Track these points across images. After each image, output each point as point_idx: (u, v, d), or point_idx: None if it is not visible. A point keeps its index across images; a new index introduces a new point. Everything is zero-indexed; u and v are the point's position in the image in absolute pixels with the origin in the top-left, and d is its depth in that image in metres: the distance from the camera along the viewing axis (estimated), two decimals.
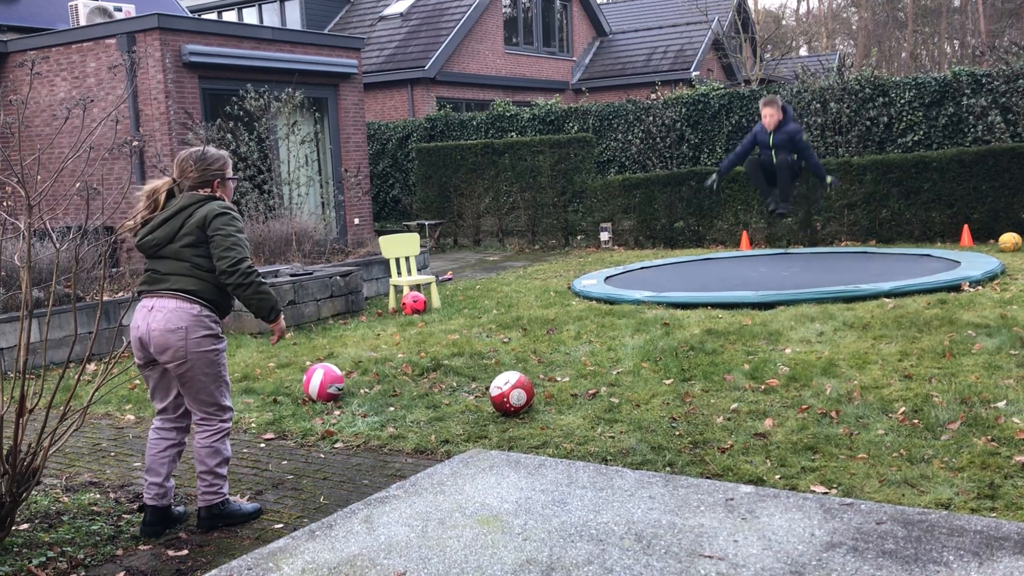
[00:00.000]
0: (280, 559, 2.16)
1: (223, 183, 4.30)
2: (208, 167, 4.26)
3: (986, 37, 44.04)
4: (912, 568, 1.96)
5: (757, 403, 5.50)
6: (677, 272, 11.40)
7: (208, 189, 4.25)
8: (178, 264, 4.08)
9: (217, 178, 4.27)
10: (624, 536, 2.22)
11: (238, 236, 4.10)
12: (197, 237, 4.08)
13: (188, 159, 4.25)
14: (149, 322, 4.04)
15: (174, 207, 4.15)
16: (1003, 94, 13.60)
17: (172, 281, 4.07)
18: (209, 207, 4.13)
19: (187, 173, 4.23)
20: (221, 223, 4.08)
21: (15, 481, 3.75)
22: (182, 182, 4.24)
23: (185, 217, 4.11)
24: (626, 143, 16.99)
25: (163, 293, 4.05)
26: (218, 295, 4.15)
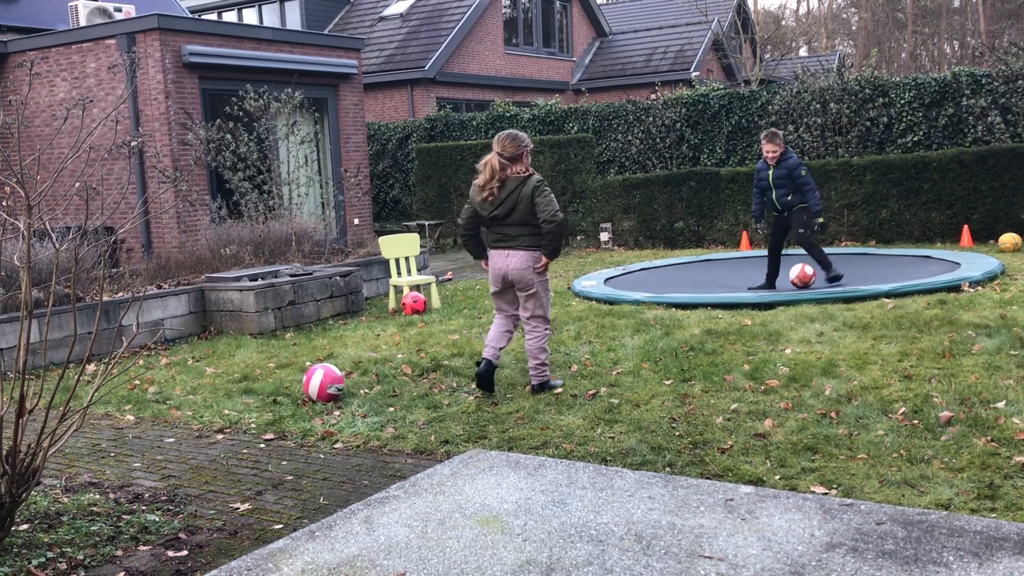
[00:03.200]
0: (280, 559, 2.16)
1: (527, 155, 5.87)
2: (520, 144, 5.82)
3: (986, 38, 44.05)
4: (912, 569, 1.96)
5: (757, 403, 5.50)
6: (677, 272, 11.40)
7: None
8: (521, 228, 5.97)
9: (525, 151, 5.84)
10: (624, 537, 2.22)
11: (550, 197, 5.84)
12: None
13: (507, 138, 5.83)
14: (506, 264, 5.98)
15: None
16: (1003, 95, 13.60)
17: (519, 241, 5.94)
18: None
19: (506, 148, 5.79)
20: (542, 187, 5.90)
21: (15, 482, 3.75)
22: (503, 154, 5.83)
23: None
24: (626, 143, 16.99)
25: (516, 247, 5.96)
26: None
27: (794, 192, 9.29)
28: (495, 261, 5.97)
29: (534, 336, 6.04)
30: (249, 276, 9.54)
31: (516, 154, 5.80)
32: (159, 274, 10.29)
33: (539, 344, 6.03)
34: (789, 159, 9.30)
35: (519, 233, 5.86)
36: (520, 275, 5.91)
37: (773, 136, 9.33)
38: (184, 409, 6.34)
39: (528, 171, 5.81)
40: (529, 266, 5.87)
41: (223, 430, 5.82)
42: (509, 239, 5.89)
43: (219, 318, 9.34)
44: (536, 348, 6.03)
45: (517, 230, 5.85)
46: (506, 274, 5.94)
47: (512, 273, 5.92)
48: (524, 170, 5.79)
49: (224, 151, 12.58)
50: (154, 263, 10.80)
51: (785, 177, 9.31)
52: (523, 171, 5.79)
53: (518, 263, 5.88)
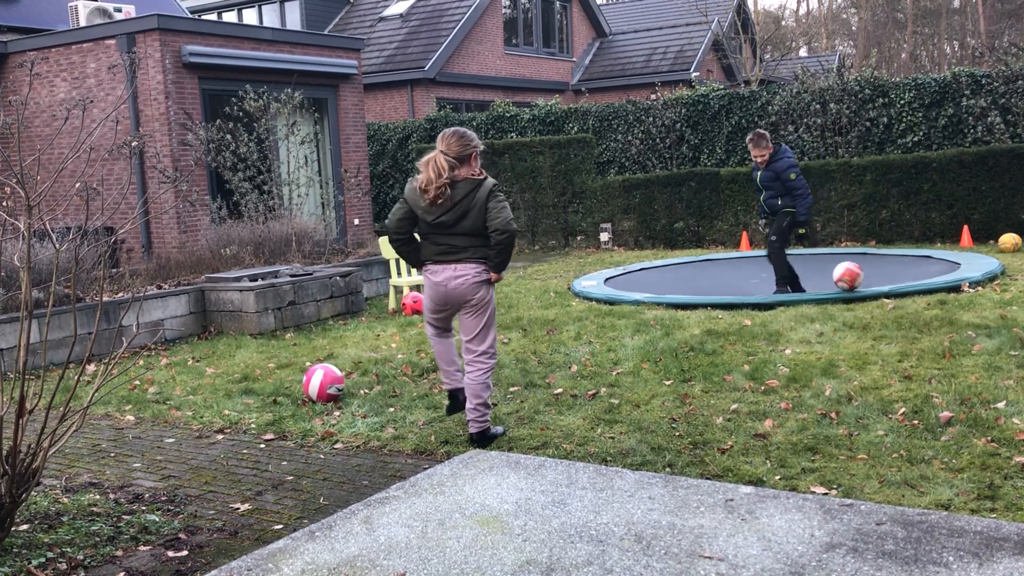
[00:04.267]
0: (280, 560, 2.16)
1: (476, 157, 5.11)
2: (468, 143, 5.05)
3: (986, 38, 44.05)
4: (912, 569, 1.96)
5: (757, 404, 5.50)
6: (677, 273, 11.40)
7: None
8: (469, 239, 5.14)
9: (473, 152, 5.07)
10: (624, 537, 2.22)
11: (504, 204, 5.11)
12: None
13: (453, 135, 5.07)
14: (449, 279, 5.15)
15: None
16: (1003, 95, 13.60)
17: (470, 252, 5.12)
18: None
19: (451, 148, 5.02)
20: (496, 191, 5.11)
21: (15, 482, 3.75)
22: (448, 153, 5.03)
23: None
24: (626, 144, 16.99)
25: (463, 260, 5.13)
26: None
27: (783, 195, 8.82)
28: (438, 277, 5.10)
29: (479, 370, 5.13)
30: (249, 276, 9.54)
31: (463, 154, 5.04)
32: (159, 274, 10.30)
33: (483, 379, 5.12)
34: (779, 160, 8.82)
35: (468, 244, 5.04)
36: (471, 292, 5.07)
37: (759, 139, 8.85)
38: (184, 409, 6.34)
39: (482, 174, 5.10)
40: (481, 282, 5.08)
41: (223, 430, 5.82)
42: (456, 251, 5.05)
43: (219, 318, 9.34)
44: (479, 384, 5.11)
45: (466, 240, 5.03)
46: (452, 293, 5.09)
47: (461, 291, 5.07)
48: (477, 173, 5.08)
49: (224, 151, 12.58)
50: (154, 263, 10.80)
51: (773, 180, 8.84)
52: (475, 174, 5.06)
53: (469, 279, 5.06)
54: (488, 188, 5.02)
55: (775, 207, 8.96)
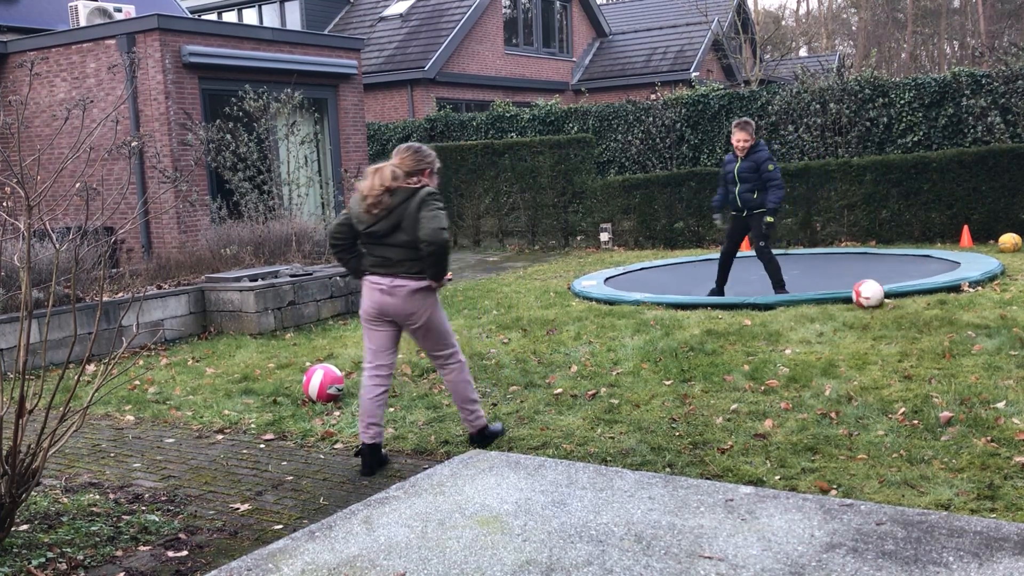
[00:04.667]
0: (280, 560, 2.16)
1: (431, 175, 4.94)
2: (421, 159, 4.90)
3: (986, 38, 44.05)
4: (912, 569, 1.96)
5: (757, 404, 5.50)
6: (677, 272, 11.40)
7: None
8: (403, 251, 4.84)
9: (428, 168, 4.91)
10: (624, 537, 2.22)
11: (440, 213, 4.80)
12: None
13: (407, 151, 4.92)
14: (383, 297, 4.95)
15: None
16: (1003, 95, 13.60)
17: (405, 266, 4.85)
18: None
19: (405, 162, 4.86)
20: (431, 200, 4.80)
21: (15, 482, 3.75)
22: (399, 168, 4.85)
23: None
24: (626, 144, 16.99)
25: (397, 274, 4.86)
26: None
27: (760, 190, 8.75)
28: (371, 291, 4.87)
29: (451, 371, 5.04)
30: (249, 276, 9.54)
31: (416, 169, 4.86)
32: (159, 274, 10.30)
33: (461, 378, 5.03)
34: (759, 152, 8.74)
35: (403, 257, 4.77)
36: (408, 308, 4.82)
37: (745, 124, 8.74)
38: (184, 409, 6.34)
39: (424, 183, 4.84)
40: (419, 296, 4.81)
41: (223, 430, 5.82)
42: (390, 264, 4.80)
43: (219, 318, 9.34)
44: (459, 384, 5.02)
45: (401, 252, 4.77)
46: (388, 307, 4.83)
47: (397, 307, 4.81)
48: (423, 183, 4.85)
49: (224, 151, 12.58)
50: (154, 263, 10.80)
51: (752, 171, 8.70)
52: (419, 183, 4.82)
53: (404, 295, 4.80)
54: (421, 196, 4.75)
55: (749, 201, 8.83)
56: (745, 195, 8.82)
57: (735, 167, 8.83)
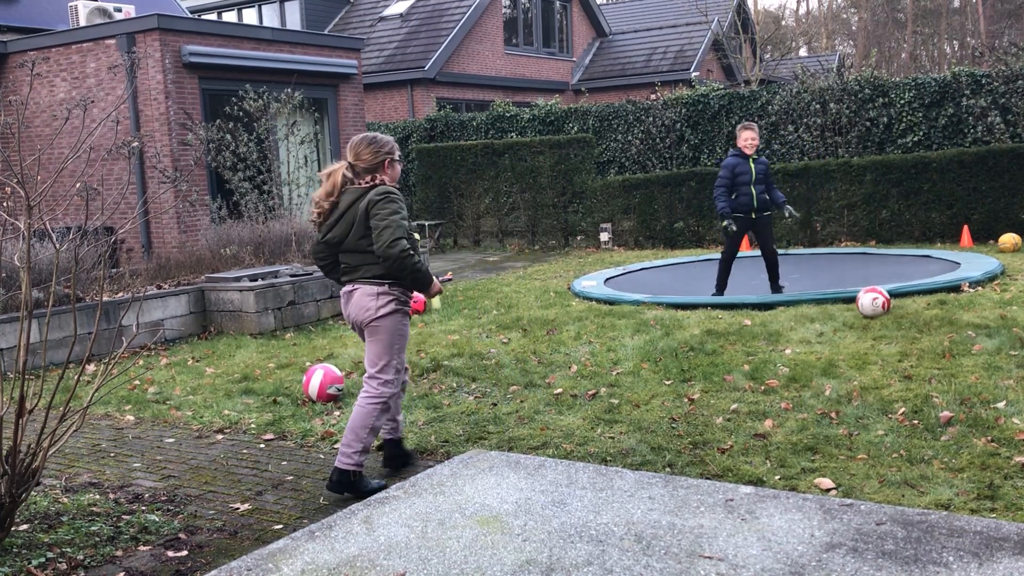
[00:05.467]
0: (280, 560, 2.16)
1: (391, 163, 4.52)
2: (379, 149, 4.48)
3: (986, 38, 44.05)
4: (912, 569, 1.96)
5: (757, 404, 5.50)
6: (677, 272, 11.40)
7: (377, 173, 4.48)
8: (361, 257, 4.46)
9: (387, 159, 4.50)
10: (624, 537, 2.22)
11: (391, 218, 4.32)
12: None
13: (362, 143, 4.49)
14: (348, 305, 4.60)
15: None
16: (1003, 95, 13.60)
17: (362, 271, 4.47)
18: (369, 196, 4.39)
19: (361, 156, 4.47)
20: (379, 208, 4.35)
21: (15, 482, 3.74)
22: (356, 164, 4.47)
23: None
24: (626, 144, 16.99)
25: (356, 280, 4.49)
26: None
27: (768, 191, 8.87)
28: (343, 299, 4.59)
29: (363, 399, 4.46)
30: (249, 276, 9.54)
31: (375, 163, 4.45)
32: (159, 274, 10.30)
33: (366, 411, 4.42)
34: (763, 155, 8.98)
35: (360, 262, 4.44)
36: (359, 316, 4.45)
37: (751, 125, 8.84)
38: (184, 409, 6.34)
39: (374, 182, 4.42)
40: (369, 306, 4.40)
41: (223, 430, 5.82)
42: (350, 270, 4.49)
43: (219, 318, 9.34)
44: (359, 419, 4.41)
45: (357, 258, 4.44)
46: (350, 315, 4.52)
47: (355, 314, 4.47)
48: (379, 180, 4.44)
49: (224, 151, 12.58)
50: (154, 263, 10.80)
51: (765, 172, 8.81)
52: (376, 181, 4.43)
53: (357, 300, 4.45)
54: (370, 198, 4.34)
55: (764, 203, 8.88)
56: (763, 196, 8.83)
57: (750, 167, 8.75)
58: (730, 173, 8.82)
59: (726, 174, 8.84)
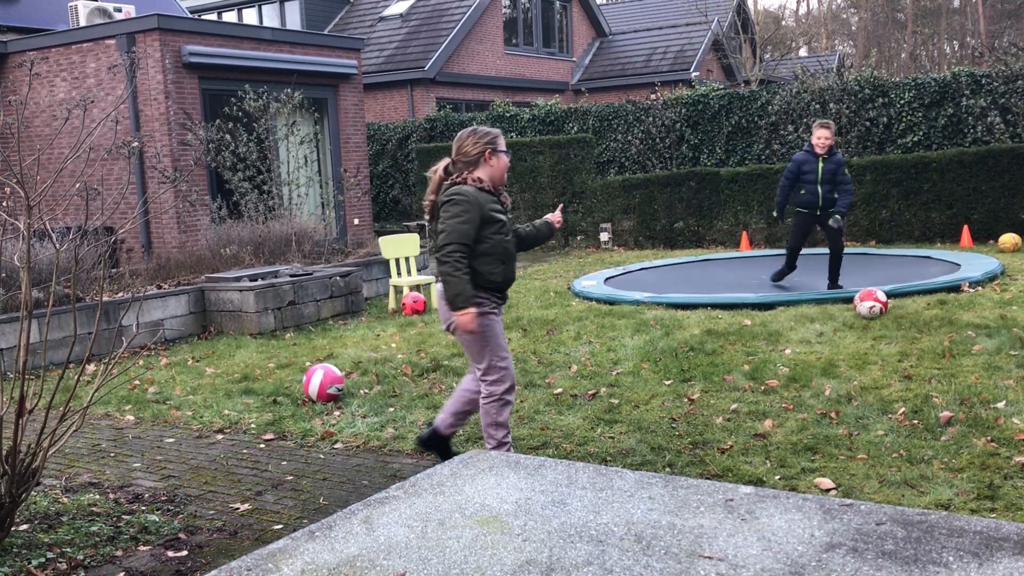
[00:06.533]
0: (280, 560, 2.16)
1: (493, 154, 4.42)
2: (480, 139, 4.38)
3: (986, 38, 44.06)
4: (912, 569, 1.96)
5: (757, 404, 5.50)
6: (677, 272, 11.40)
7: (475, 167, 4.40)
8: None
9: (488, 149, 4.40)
10: (624, 537, 2.22)
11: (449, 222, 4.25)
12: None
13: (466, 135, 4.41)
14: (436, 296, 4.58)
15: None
16: (1002, 95, 13.61)
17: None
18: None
19: (463, 149, 4.39)
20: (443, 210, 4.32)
21: (15, 482, 3.74)
22: (458, 160, 4.41)
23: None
24: (626, 144, 16.99)
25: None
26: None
27: (836, 191, 8.84)
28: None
29: (481, 400, 4.53)
30: (249, 276, 9.54)
31: (476, 154, 4.36)
32: (159, 274, 10.30)
33: (485, 411, 4.49)
34: (836, 154, 8.77)
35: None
36: (442, 311, 4.48)
37: (829, 124, 8.75)
38: (184, 409, 6.34)
39: (464, 179, 4.32)
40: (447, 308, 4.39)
41: (223, 430, 5.82)
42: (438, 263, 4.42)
43: (219, 318, 9.34)
44: (484, 419, 4.51)
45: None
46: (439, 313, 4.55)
47: (439, 312, 4.52)
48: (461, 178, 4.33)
49: (224, 151, 12.59)
50: (154, 263, 10.80)
51: (833, 172, 8.75)
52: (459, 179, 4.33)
53: (439, 295, 4.46)
54: (446, 195, 4.29)
55: (831, 202, 8.87)
56: (829, 196, 8.83)
57: (818, 166, 8.77)
58: (795, 168, 8.93)
59: (791, 168, 8.97)
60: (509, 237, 4.45)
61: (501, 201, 4.43)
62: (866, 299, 7.66)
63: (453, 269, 4.21)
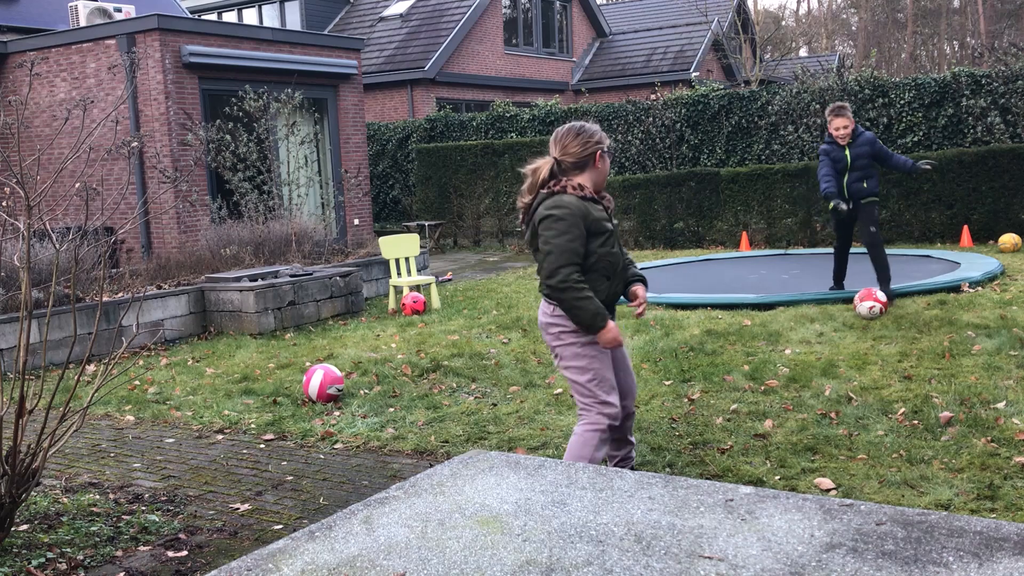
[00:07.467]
0: (280, 560, 2.16)
1: (602, 156, 3.91)
2: (588, 140, 3.86)
3: (986, 38, 44.06)
4: (912, 569, 1.96)
5: (757, 404, 5.50)
6: (677, 272, 11.40)
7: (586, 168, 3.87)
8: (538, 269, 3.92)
9: (598, 151, 3.87)
10: (624, 537, 2.22)
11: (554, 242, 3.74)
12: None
13: (568, 134, 3.87)
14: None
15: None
16: (1002, 95, 13.60)
17: (540, 283, 3.96)
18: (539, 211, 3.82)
19: (568, 149, 3.85)
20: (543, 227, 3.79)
21: (15, 482, 3.74)
22: (563, 160, 3.86)
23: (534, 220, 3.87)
24: (626, 144, 16.99)
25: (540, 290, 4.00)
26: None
27: (868, 177, 8.08)
28: None
29: (579, 426, 3.95)
30: (249, 276, 9.54)
31: (584, 156, 3.85)
32: (159, 274, 10.30)
33: (582, 440, 3.88)
34: (863, 134, 8.04)
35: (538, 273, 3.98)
36: (543, 334, 4.07)
37: (841, 109, 8.03)
38: (184, 409, 6.34)
39: (563, 187, 3.80)
40: (547, 323, 3.97)
41: (223, 430, 5.82)
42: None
43: (219, 318, 9.34)
44: (574, 448, 3.90)
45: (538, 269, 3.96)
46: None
47: (543, 332, 4.08)
48: (560, 187, 3.81)
49: (224, 151, 12.59)
50: (154, 263, 10.80)
51: (866, 156, 8.02)
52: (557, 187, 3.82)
53: (539, 315, 4.05)
54: (545, 209, 3.79)
55: (860, 191, 8.12)
56: (855, 185, 8.12)
57: (845, 154, 8.09)
58: (827, 158, 8.25)
59: (823, 159, 8.30)
60: (615, 249, 3.93)
61: (605, 206, 3.93)
62: (866, 299, 7.67)
63: (577, 294, 3.73)
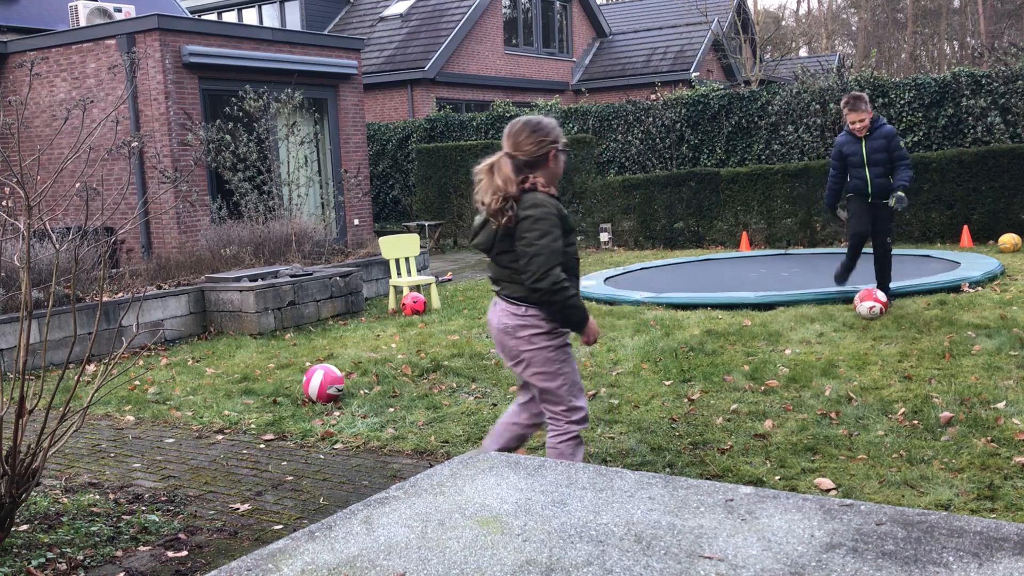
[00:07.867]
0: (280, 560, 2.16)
1: (556, 156, 3.77)
2: (544, 137, 3.70)
3: (986, 38, 44.06)
4: (912, 569, 1.95)
5: (757, 404, 5.50)
6: (677, 272, 11.40)
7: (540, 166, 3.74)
8: (501, 271, 3.78)
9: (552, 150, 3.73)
10: (624, 537, 2.22)
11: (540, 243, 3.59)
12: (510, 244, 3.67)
13: (523, 129, 3.69)
14: (490, 318, 3.86)
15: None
16: (1002, 95, 13.60)
17: (502, 285, 3.79)
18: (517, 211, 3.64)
19: (522, 146, 3.68)
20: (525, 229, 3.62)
21: (14, 482, 3.74)
22: (515, 156, 3.68)
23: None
24: (626, 144, 16.99)
25: (499, 293, 3.82)
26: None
27: (889, 172, 7.53)
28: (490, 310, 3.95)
29: (551, 438, 3.86)
30: (249, 276, 9.54)
31: (538, 155, 3.71)
32: (159, 274, 10.30)
33: (558, 452, 3.85)
34: (883, 126, 7.46)
35: (500, 276, 3.80)
36: (500, 339, 3.82)
37: (857, 101, 7.45)
38: (184, 409, 6.34)
39: (533, 184, 3.69)
40: (509, 325, 3.75)
41: (223, 430, 5.82)
42: (493, 280, 3.87)
43: (219, 318, 9.34)
44: (555, 456, 3.82)
45: (498, 271, 3.82)
46: (494, 336, 3.90)
47: (493, 335, 3.88)
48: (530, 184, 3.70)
49: (224, 151, 12.59)
50: (154, 263, 10.80)
51: (883, 150, 7.44)
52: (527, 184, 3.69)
53: (497, 321, 3.82)
54: (522, 211, 3.65)
55: (883, 187, 7.58)
56: (878, 180, 7.55)
57: (862, 148, 7.56)
58: (837, 154, 7.77)
59: (834, 153, 7.83)
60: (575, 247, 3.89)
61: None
62: (866, 299, 7.67)
63: (568, 293, 3.63)
